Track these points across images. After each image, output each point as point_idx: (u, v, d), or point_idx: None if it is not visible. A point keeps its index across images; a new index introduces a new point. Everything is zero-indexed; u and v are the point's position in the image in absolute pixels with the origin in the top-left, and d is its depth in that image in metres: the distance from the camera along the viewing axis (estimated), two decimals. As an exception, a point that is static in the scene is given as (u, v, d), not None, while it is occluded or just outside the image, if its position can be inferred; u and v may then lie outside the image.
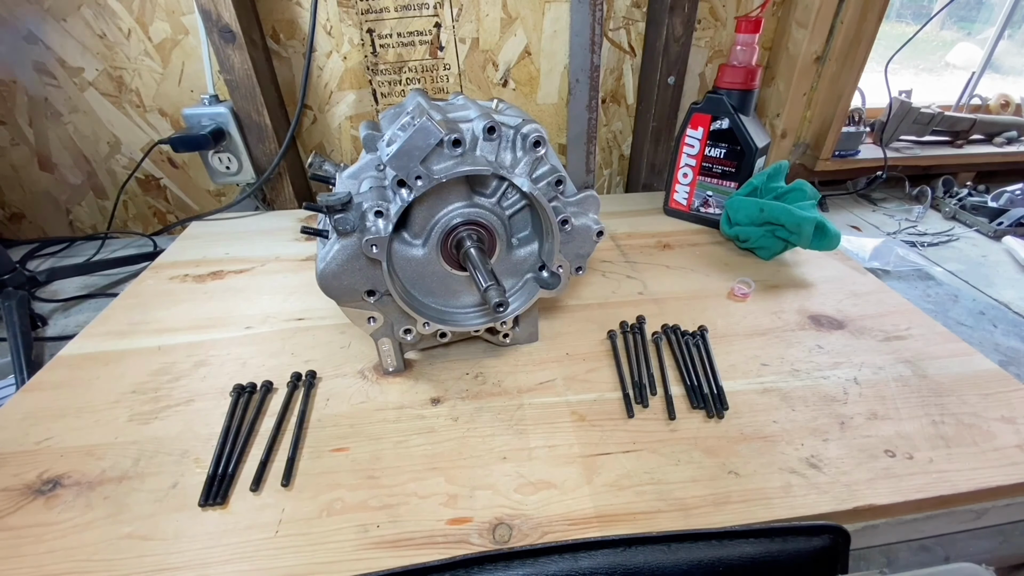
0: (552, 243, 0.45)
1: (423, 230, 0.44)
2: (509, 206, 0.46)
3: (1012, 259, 0.79)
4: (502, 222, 0.45)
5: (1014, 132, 1.02)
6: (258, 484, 0.39)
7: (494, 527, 0.36)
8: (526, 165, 0.41)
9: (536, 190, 0.42)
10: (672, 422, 0.44)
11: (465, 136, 0.39)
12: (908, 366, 0.50)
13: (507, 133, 0.41)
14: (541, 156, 0.42)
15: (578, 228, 0.45)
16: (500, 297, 0.39)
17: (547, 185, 0.42)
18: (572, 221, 0.44)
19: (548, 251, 0.46)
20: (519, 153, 0.41)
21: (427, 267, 0.45)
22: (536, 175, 0.42)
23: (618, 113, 0.91)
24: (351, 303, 0.44)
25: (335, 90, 0.82)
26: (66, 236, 0.87)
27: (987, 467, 0.40)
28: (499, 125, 0.40)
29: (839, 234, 0.60)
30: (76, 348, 0.53)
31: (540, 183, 0.42)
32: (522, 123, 0.41)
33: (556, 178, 0.43)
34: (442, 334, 0.48)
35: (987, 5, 1.12)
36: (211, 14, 0.68)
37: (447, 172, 0.39)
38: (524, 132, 0.41)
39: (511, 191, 0.45)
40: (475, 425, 0.44)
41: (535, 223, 0.47)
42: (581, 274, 0.48)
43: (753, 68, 0.67)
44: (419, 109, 0.40)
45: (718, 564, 0.30)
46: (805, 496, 0.38)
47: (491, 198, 0.45)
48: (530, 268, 0.48)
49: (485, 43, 0.81)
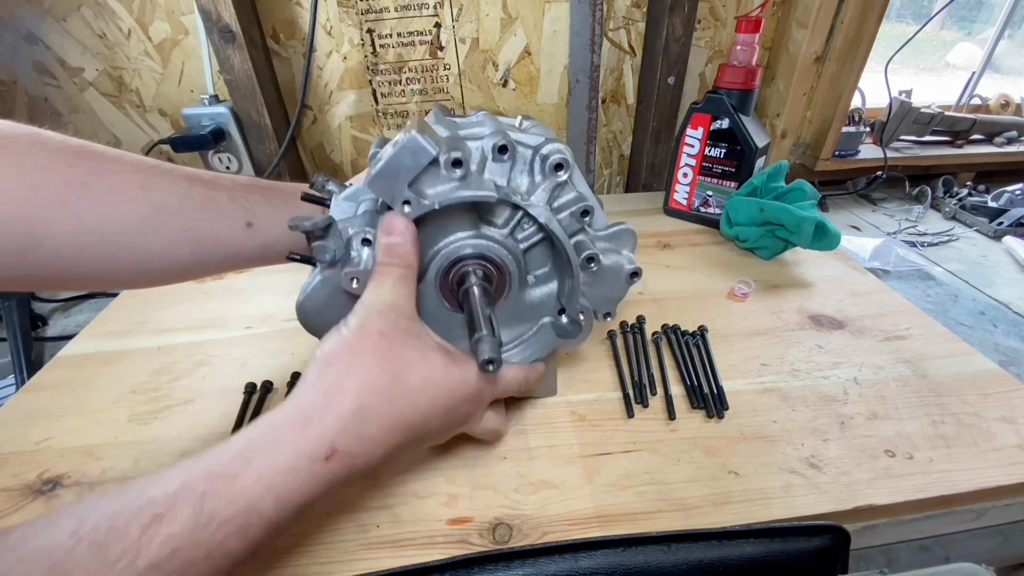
0: (574, 284, 0.38)
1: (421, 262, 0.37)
2: (524, 238, 0.39)
3: (1012, 259, 0.79)
4: (515, 257, 0.38)
5: (1014, 132, 1.02)
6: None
7: (494, 527, 0.36)
8: (545, 191, 0.36)
9: (555, 221, 0.35)
10: (672, 422, 0.44)
11: (471, 156, 0.33)
12: (908, 366, 0.50)
13: (524, 154, 0.35)
14: (563, 182, 0.35)
15: (607, 268, 0.38)
16: (492, 353, 0.32)
17: (570, 216, 0.36)
18: (600, 259, 0.37)
19: (569, 293, 0.39)
20: (537, 177, 0.36)
21: (424, 305, 0.38)
22: (557, 204, 0.36)
23: (618, 113, 0.91)
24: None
25: (335, 90, 0.82)
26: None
27: (987, 467, 0.40)
28: (513, 144, 0.34)
29: (839, 234, 0.60)
30: (76, 348, 0.53)
31: (562, 213, 0.36)
32: (544, 143, 0.35)
33: (582, 208, 0.36)
34: None
35: (987, 5, 1.12)
36: (211, 14, 0.68)
37: (443, 198, 0.32)
38: (544, 153, 0.35)
39: (527, 221, 0.38)
40: (475, 425, 0.44)
41: (556, 259, 0.40)
42: (609, 320, 0.41)
43: (753, 68, 0.67)
44: (413, 121, 0.33)
45: (718, 564, 0.30)
46: (805, 496, 0.38)
47: (503, 229, 0.38)
48: (548, 312, 0.41)
49: (485, 43, 0.81)
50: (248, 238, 0.38)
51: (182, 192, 0.34)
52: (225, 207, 0.36)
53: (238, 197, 0.37)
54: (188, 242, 0.35)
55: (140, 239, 0.33)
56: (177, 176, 0.35)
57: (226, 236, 0.37)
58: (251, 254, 0.38)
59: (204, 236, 0.36)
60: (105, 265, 0.32)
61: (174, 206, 0.34)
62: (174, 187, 0.34)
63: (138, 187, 0.33)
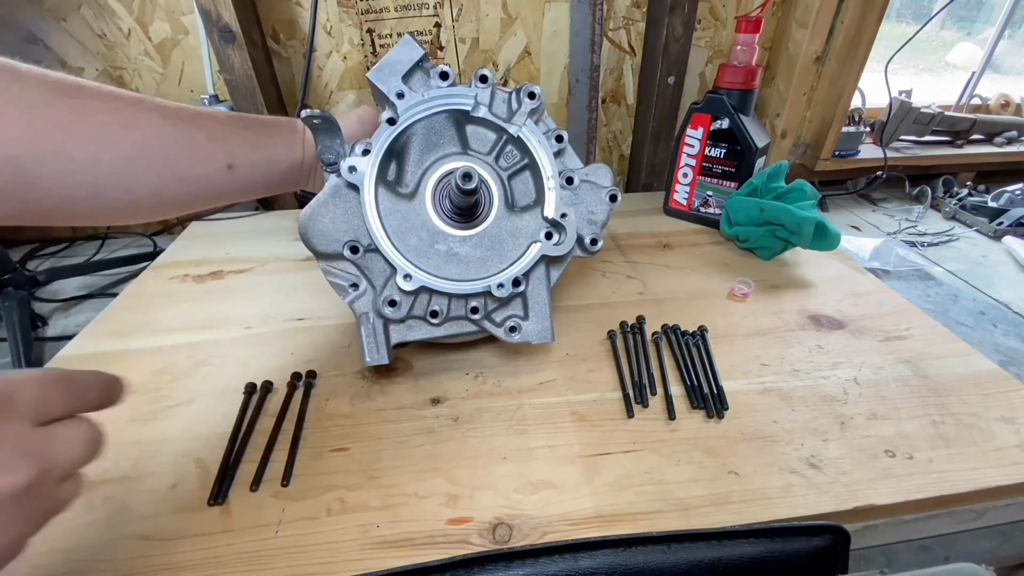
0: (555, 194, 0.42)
1: (413, 178, 0.42)
2: (508, 167, 0.44)
3: (1012, 259, 0.79)
4: (500, 179, 0.43)
5: (1014, 132, 1.02)
6: (258, 484, 0.39)
7: (494, 527, 0.36)
8: (522, 115, 0.41)
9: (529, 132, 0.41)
10: (672, 422, 0.44)
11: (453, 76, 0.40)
12: (908, 366, 0.50)
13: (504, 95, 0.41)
14: (537, 108, 0.41)
15: (586, 187, 0.43)
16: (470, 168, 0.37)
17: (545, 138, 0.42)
18: (576, 178, 0.43)
19: (550, 201, 0.43)
20: (515, 105, 0.41)
21: (415, 217, 0.42)
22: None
23: (618, 113, 0.91)
24: (331, 259, 0.41)
25: (335, 90, 0.82)
26: (66, 236, 0.87)
27: (987, 467, 0.40)
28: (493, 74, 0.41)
29: (839, 234, 0.60)
30: (76, 348, 0.53)
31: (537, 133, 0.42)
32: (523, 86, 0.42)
33: (556, 134, 0.42)
34: (433, 313, 0.42)
35: (987, 5, 1.12)
36: (211, 14, 0.68)
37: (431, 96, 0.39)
38: (520, 87, 0.41)
39: (510, 150, 0.44)
40: (475, 425, 0.44)
41: (539, 189, 0.44)
42: (597, 249, 0.45)
43: (753, 68, 0.67)
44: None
45: (718, 564, 0.30)
46: (805, 496, 0.38)
47: (488, 156, 0.43)
48: (533, 235, 0.44)
49: (485, 43, 0.81)
50: (229, 179, 0.39)
51: (163, 133, 0.35)
52: (205, 148, 0.37)
53: (218, 138, 0.38)
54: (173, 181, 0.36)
55: (128, 179, 0.34)
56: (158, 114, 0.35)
57: (207, 177, 0.38)
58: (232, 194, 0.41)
59: (186, 177, 0.37)
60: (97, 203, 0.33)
61: (156, 148, 0.35)
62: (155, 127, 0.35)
63: (121, 127, 0.33)
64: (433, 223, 0.42)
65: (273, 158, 0.43)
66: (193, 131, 0.37)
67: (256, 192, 0.43)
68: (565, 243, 0.43)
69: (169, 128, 0.35)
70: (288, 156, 0.44)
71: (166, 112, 0.36)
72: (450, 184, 0.40)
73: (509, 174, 0.44)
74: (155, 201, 0.36)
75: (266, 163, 0.42)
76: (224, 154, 0.38)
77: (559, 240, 0.43)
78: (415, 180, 0.42)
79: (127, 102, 0.34)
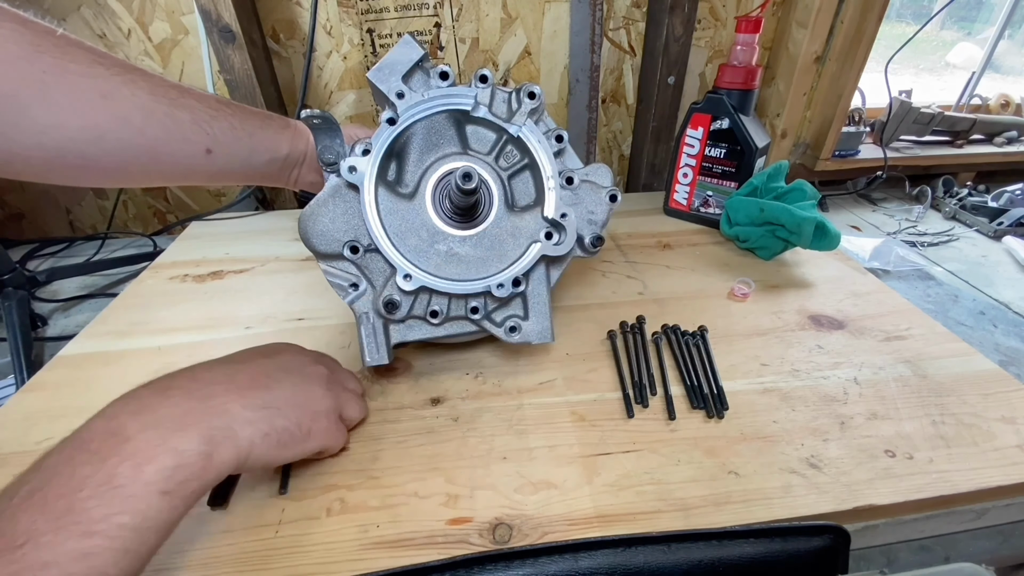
0: (555, 194, 0.42)
1: (413, 178, 0.42)
2: (508, 167, 0.44)
3: (1012, 259, 0.79)
4: (500, 179, 0.43)
5: (1014, 132, 1.02)
6: (258, 484, 0.39)
7: (494, 527, 0.36)
8: (522, 115, 0.41)
9: (525, 132, 0.41)
10: (672, 422, 0.44)
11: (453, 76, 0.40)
12: (908, 366, 0.50)
13: (504, 95, 0.41)
14: (537, 108, 0.41)
15: (586, 187, 0.43)
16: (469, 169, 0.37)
17: (545, 138, 0.42)
18: (576, 178, 0.43)
19: (550, 201, 0.43)
20: (515, 105, 0.41)
21: (415, 217, 0.42)
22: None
23: (618, 113, 0.91)
24: (331, 259, 0.41)
25: (335, 90, 0.82)
26: (66, 236, 0.87)
27: (987, 467, 0.40)
28: (492, 75, 0.41)
29: (839, 234, 0.60)
30: (76, 348, 0.53)
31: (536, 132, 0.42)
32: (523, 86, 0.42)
33: (556, 134, 0.42)
34: (433, 313, 0.42)
35: (987, 5, 1.12)
36: (211, 14, 0.68)
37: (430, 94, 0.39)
38: (520, 87, 0.41)
39: (510, 150, 0.44)
40: (475, 425, 0.44)
41: (539, 189, 0.44)
42: (597, 251, 0.45)
43: (753, 68, 0.67)
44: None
45: (718, 564, 0.30)
46: (805, 496, 0.38)
47: (488, 156, 0.43)
48: (533, 235, 0.44)
49: (485, 43, 0.81)
50: (205, 163, 0.38)
51: (146, 109, 0.34)
52: (187, 130, 0.36)
53: (203, 120, 0.37)
54: (145, 157, 0.35)
55: (94, 148, 0.32)
56: (143, 87, 0.34)
57: (183, 158, 0.37)
58: (205, 177, 0.40)
59: (161, 155, 0.36)
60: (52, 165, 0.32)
61: (135, 123, 0.34)
62: (137, 101, 0.34)
63: (100, 96, 0.32)
64: (433, 223, 0.42)
65: (255, 148, 0.42)
66: (177, 110, 0.35)
67: (230, 179, 0.42)
68: (565, 243, 0.43)
69: (152, 104, 0.34)
70: (270, 150, 0.43)
71: (151, 85, 0.35)
72: (450, 184, 0.40)
73: (509, 174, 0.44)
74: (120, 173, 0.35)
75: (246, 153, 0.41)
76: (205, 137, 0.37)
77: (559, 240, 0.43)
78: (415, 180, 0.42)
79: (116, 70, 0.33)
